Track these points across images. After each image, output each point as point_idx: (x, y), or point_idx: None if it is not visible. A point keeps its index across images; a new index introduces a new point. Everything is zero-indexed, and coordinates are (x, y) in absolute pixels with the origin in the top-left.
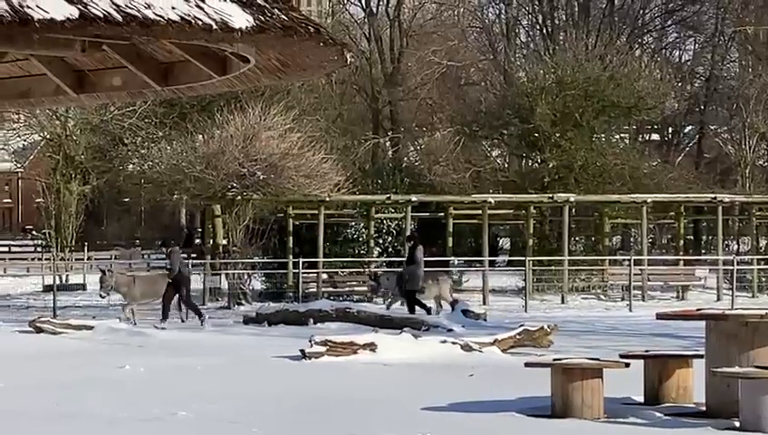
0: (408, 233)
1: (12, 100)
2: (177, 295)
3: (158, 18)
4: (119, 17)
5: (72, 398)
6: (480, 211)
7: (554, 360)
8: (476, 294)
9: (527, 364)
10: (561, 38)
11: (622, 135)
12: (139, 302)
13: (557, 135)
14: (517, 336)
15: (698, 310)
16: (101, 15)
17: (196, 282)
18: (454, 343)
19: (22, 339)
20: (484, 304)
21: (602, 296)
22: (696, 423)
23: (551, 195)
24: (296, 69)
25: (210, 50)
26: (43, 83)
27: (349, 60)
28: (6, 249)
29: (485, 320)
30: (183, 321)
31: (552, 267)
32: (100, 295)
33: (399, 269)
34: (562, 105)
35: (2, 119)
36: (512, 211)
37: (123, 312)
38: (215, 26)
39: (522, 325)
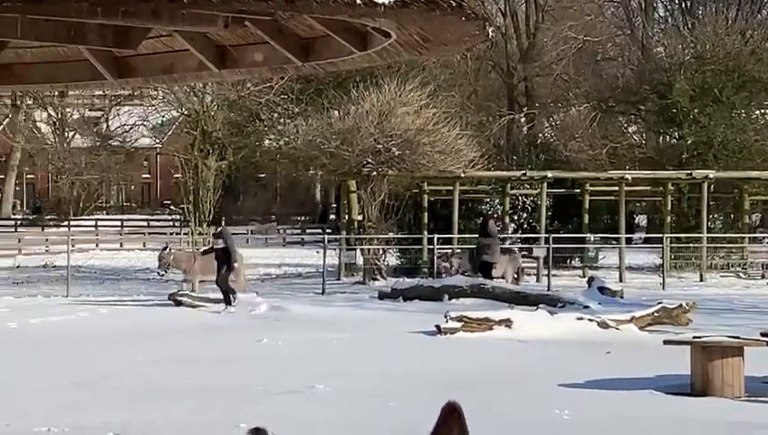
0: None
1: (155, 75)
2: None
3: None
4: None
5: (211, 371)
6: (617, 188)
7: (694, 338)
8: (613, 271)
9: (666, 342)
10: (700, 12)
11: (763, 111)
12: (200, 278)
13: (696, 111)
14: (655, 314)
15: None
16: None
17: (331, 257)
18: (590, 320)
19: (161, 312)
20: (621, 281)
21: (742, 274)
22: None
23: (689, 171)
24: (437, 44)
25: (352, 25)
26: (186, 59)
27: (490, 34)
28: (145, 224)
29: (622, 297)
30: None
31: (691, 245)
32: (158, 273)
33: (473, 246)
34: (701, 80)
35: (141, 95)
36: (649, 188)
37: (184, 289)
38: (358, 1)
39: (659, 303)
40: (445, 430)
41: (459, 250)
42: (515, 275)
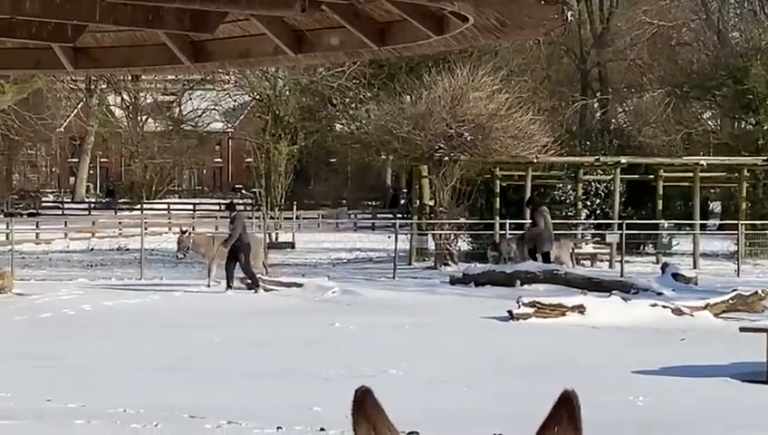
0: (527, 198)
1: (231, 60)
2: (236, 261)
3: None
4: None
5: (285, 354)
6: (691, 174)
7: None
8: (687, 257)
9: (742, 329)
10: None
11: None
12: (218, 262)
13: None
14: (730, 301)
15: None
16: None
17: (402, 242)
18: (664, 306)
19: (234, 296)
20: (695, 267)
21: None
22: None
23: (765, 157)
24: (514, 28)
25: (428, 9)
26: (263, 43)
27: (569, 18)
28: (217, 208)
29: (696, 284)
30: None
31: (766, 231)
32: (177, 256)
33: (522, 232)
34: None
35: (213, 80)
36: (724, 174)
37: (209, 274)
38: None
39: (734, 290)
40: (555, 419)
41: (510, 236)
42: (571, 260)
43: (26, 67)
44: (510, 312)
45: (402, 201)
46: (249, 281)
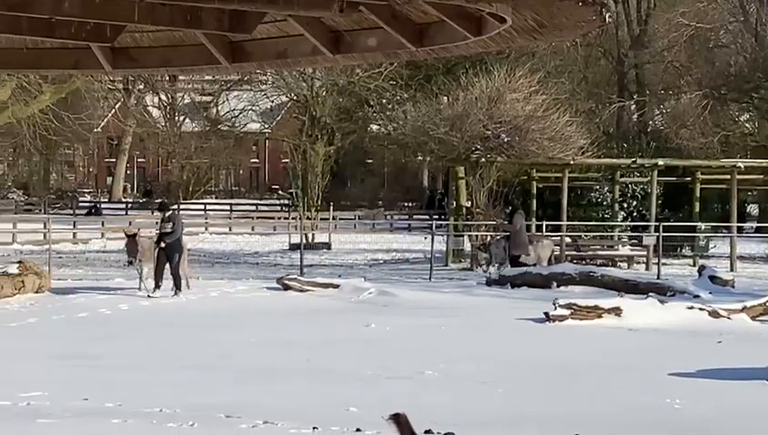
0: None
1: (269, 60)
2: (168, 261)
3: None
4: None
5: (322, 354)
6: (728, 176)
7: None
8: (724, 260)
9: None
10: None
11: None
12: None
13: None
14: (767, 304)
15: None
16: None
17: (439, 243)
18: (701, 309)
19: (270, 296)
20: (732, 270)
21: None
22: None
23: None
24: (552, 29)
25: (466, 10)
26: (300, 44)
27: (607, 19)
28: (254, 208)
29: (733, 287)
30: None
31: None
32: (129, 262)
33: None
34: None
35: (251, 80)
36: (761, 177)
37: (144, 273)
38: None
39: None
40: None
41: (499, 238)
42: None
43: (65, 67)
44: (546, 313)
45: (440, 201)
46: (175, 283)
